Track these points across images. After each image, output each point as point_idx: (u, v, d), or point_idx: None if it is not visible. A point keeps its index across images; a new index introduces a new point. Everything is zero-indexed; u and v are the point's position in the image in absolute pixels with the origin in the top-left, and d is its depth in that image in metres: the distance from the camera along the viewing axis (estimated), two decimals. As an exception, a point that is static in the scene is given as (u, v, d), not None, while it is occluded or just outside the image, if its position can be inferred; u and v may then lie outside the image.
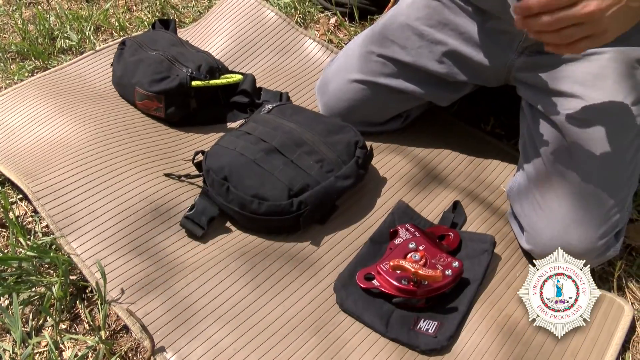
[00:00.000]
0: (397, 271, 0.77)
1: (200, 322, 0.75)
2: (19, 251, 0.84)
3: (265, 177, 0.86)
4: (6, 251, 0.85)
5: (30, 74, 1.23)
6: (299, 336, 0.75)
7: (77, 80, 1.17)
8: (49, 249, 0.84)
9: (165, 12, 1.46)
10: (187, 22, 1.42)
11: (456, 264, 0.78)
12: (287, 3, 1.42)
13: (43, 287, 0.80)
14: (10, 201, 0.92)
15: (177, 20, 1.41)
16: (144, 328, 0.74)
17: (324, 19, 1.41)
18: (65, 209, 0.87)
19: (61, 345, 0.75)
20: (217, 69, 1.07)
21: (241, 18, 1.29)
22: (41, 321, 0.78)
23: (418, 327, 0.75)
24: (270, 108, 0.98)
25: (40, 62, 1.26)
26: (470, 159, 1.03)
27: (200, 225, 0.85)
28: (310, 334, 0.75)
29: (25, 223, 0.90)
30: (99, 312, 0.78)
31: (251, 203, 0.84)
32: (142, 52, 1.09)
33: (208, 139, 1.05)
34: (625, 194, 0.81)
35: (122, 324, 0.77)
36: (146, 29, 1.35)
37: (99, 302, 0.78)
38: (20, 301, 0.78)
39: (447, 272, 0.77)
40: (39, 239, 0.87)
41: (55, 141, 0.99)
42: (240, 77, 1.09)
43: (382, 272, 0.78)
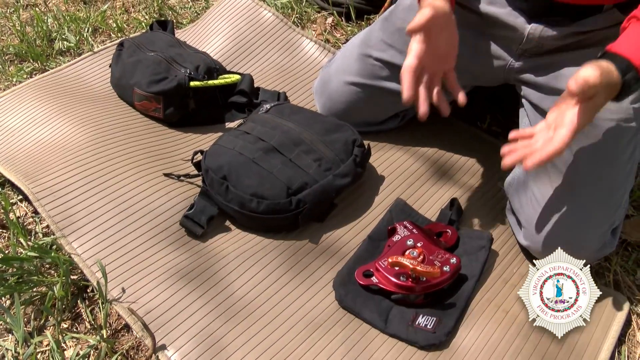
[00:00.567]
0: (395, 268, 0.78)
1: (201, 319, 0.76)
2: (20, 252, 0.85)
3: (264, 176, 0.86)
4: (7, 252, 0.85)
5: (28, 75, 1.24)
6: (299, 333, 0.76)
7: (75, 82, 1.17)
8: (49, 249, 0.84)
9: (163, 13, 1.47)
10: (184, 23, 1.43)
11: (454, 260, 0.79)
12: (284, 3, 1.43)
13: (44, 287, 0.81)
14: (10, 202, 0.93)
15: (174, 21, 1.41)
16: (145, 326, 0.74)
17: (320, 18, 1.42)
18: (65, 209, 0.87)
19: (63, 345, 0.76)
20: (215, 69, 1.08)
21: (238, 18, 1.30)
22: (43, 321, 0.79)
23: (417, 323, 0.76)
24: (269, 108, 0.99)
25: (38, 64, 1.27)
26: (467, 157, 1.04)
27: (200, 224, 0.86)
28: (310, 331, 0.76)
29: (26, 224, 0.91)
30: (100, 311, 0.78)
31: (250, 202, 0.85)
32: (140, 53, 1.10)
33: (207, 139, 1.05)
34: (622, 192, 0.82)
35: (123, 322, 0.78)
36: (144, 30, 1.35)
37: (100, 301, 0.79)
38: (21, 301, 0.78)
39: (445, 269, 0.78)
40: (39, 239, 0.87)
41: (54, 142, 0.99)
42: (238, 77, 1.09)
43: (380, 269, 0.78)
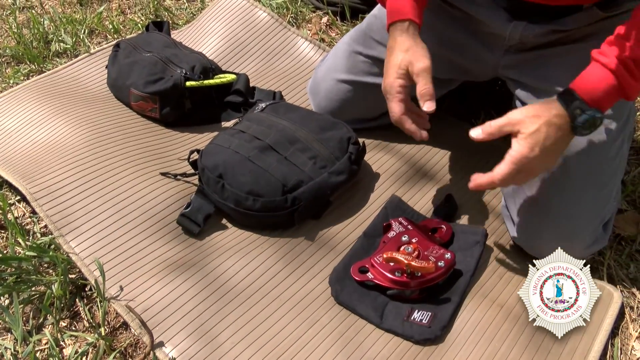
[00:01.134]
0: (390, 263, 0.78)
1: (199, 316, 0.77)
2: (18, 251, 0.86)
3: (259, 174, 0.87)
4: (6, 252, 0.86)
5: (25, 77, 1.24)
6: (296, 329, 0.76)
7: (72, 83, 1.18)
8: (47, 249, 0.85)
9: (159, 14, 1.47)
10: (180, 23, 1.43)
11: (448, 255, 0.79)
12: (279, 3, 1.44)
13: (43, 286, 0.81)
14: (8, 203, 0.93)
15: (170, 22, 1.42)
16: (143, 324, 0.75)
17: (315, 18, 1.42)
18: (63, 209, 0.88)
19: (62, 343, 0.76)
20: (211, 69, 1.09)
21: (234, 19, 1.30)
22: (41, 319, 0.79)
23: (412, 318, 0.76)
24: (264, 107, 1.00)
25: (35, 65, 1.27)
26: (461, 154, 1.04)
27: (197, 222, 0.86)
28: (307, 326, 0.77)
29: (24, 224, 0.92)
30: (99, 309, 0.79)
31: (246, 200, 0.85)
32: (137, 54, 1.10)
33: (203, 139, 1.06)
34: (610, 187, 0.82)
35: (122, 320, 0.78)
36: (140, 32, 1.36)
37: (98, 299, 0.79)
38: (20, 300, 0.79)
39: (439, 264, 0.78)
40: (37, 239, 0.88)
41: (51, 143, 1.00)
42: (233, 77, 1.10)
43: (376, 265, 0.79)
